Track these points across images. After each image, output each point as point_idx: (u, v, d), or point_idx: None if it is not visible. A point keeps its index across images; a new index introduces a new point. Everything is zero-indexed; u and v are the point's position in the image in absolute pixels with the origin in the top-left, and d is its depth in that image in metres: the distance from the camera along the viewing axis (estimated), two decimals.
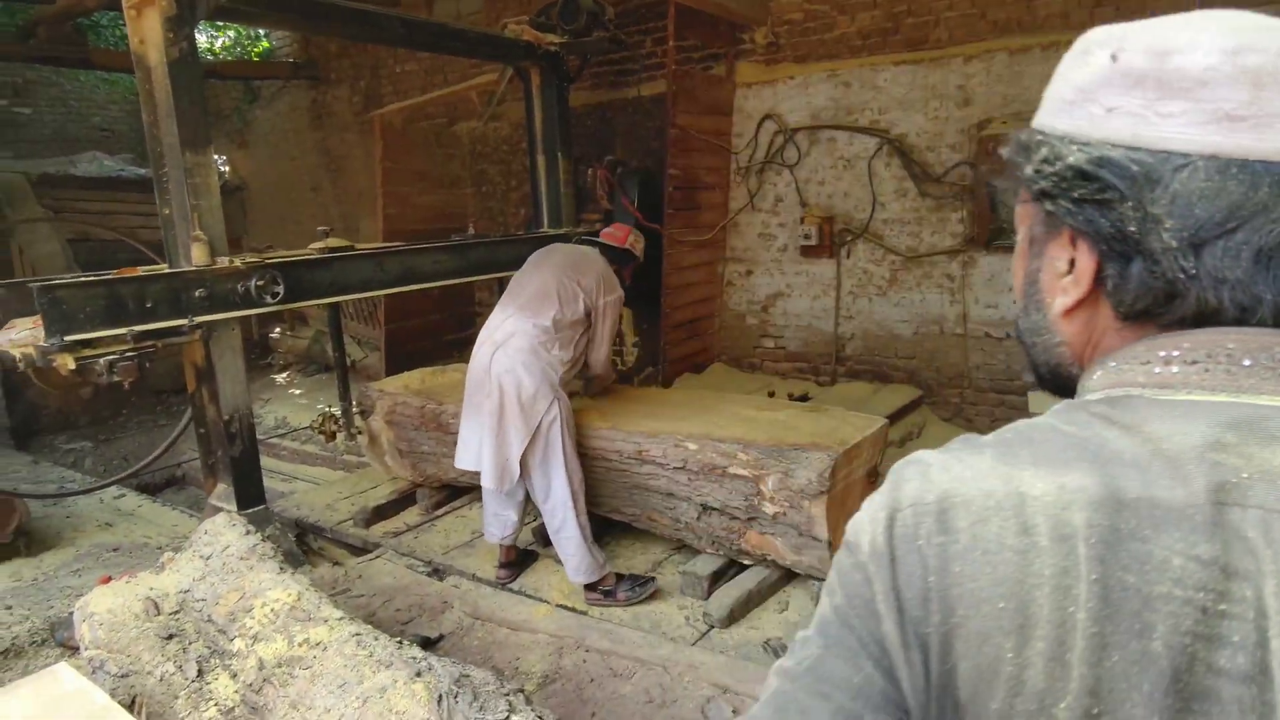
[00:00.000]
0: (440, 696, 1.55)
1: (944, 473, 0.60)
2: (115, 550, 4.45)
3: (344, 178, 9.14)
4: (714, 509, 3.52)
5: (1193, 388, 0.57)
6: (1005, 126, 4.77)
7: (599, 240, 3.82)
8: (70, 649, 3.08)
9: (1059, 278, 0.66)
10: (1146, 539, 0.51)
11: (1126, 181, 0.59)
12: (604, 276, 3.58)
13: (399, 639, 1.98)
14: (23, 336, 2.92)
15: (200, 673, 2.18)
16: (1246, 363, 0.56)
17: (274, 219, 10.10)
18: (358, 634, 1.98)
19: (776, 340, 6.03)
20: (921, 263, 5.29)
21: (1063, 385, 0.71)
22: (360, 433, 4.42)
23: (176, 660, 2.23)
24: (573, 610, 3.42)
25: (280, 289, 3.51)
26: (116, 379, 2.99)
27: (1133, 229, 0.59)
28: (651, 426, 3.70)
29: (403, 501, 4.72)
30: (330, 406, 4.53)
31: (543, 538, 4.03)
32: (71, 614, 2.71)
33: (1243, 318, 0.57)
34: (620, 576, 3.56)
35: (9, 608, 3.71)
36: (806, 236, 5.54)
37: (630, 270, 3.91)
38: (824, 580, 0.67)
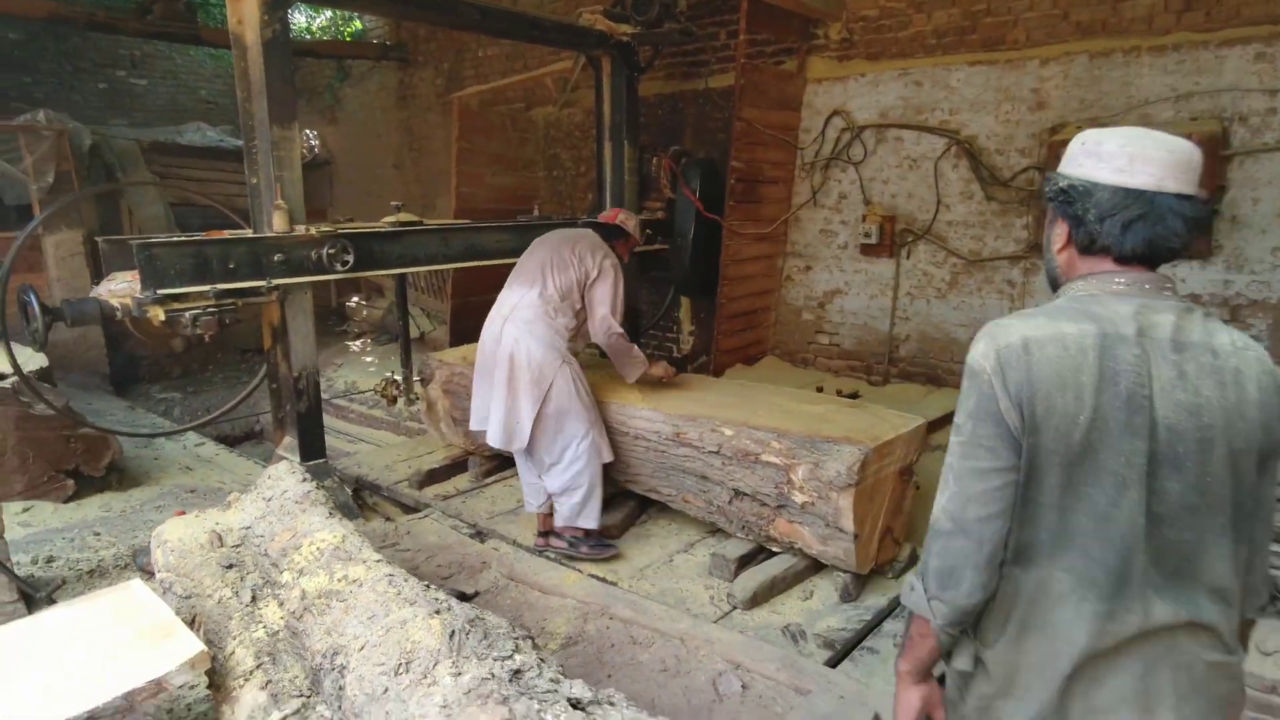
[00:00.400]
0: (453, 632, 1.71)
1: (1021, 326, 1.30)
2: (192, 491, 4.83)
3: (424, 157, 9.49)
4: (745, 494, 3.62)
5: (1126, 291, 1.31)
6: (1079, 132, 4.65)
7: (594, 221, 4.10)
8: (147, 573, 3.39)
9: (1056, 238, 1.43)
10: (1117, 349, 1.24)
11: (1080, 194, 1.34)
12: (596, 246, 3.80)
13: (427, 584, 2.15)
14: (121, 288, 3.23)
15: (253, 599, 2.41)
16: (1147, 286, 1.31)
17: (358, 193, 10.55)
18: (390, 575, 2.16)
19: (831, 337, 6.03)
20: (983, 267, 5.22)
21: (1055, 286, 1.45)
22: (418, 399, 4.66)
23: (234, 587, 2.47)
24: (602, 580, 3.57)
25: (350, 258, 3.75)
26: (199, 332, 3.27)
27: (1080, 213, 1.34)
28: (691, 411, 3.81)
29: (455, 467, 4.96)
30: (394, 373, 4.79)
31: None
32: (150, 542, 3.01)
33: (1121, 252, 1.31)
34: (589, 534, 3.78)
35: (98, 534, 4.10)
36: (867, 235, 5.52)
37: (625, 246, 4.08)
38: (849, 572, 2.47)
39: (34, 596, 2.99)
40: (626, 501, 4.26)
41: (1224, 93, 4.25)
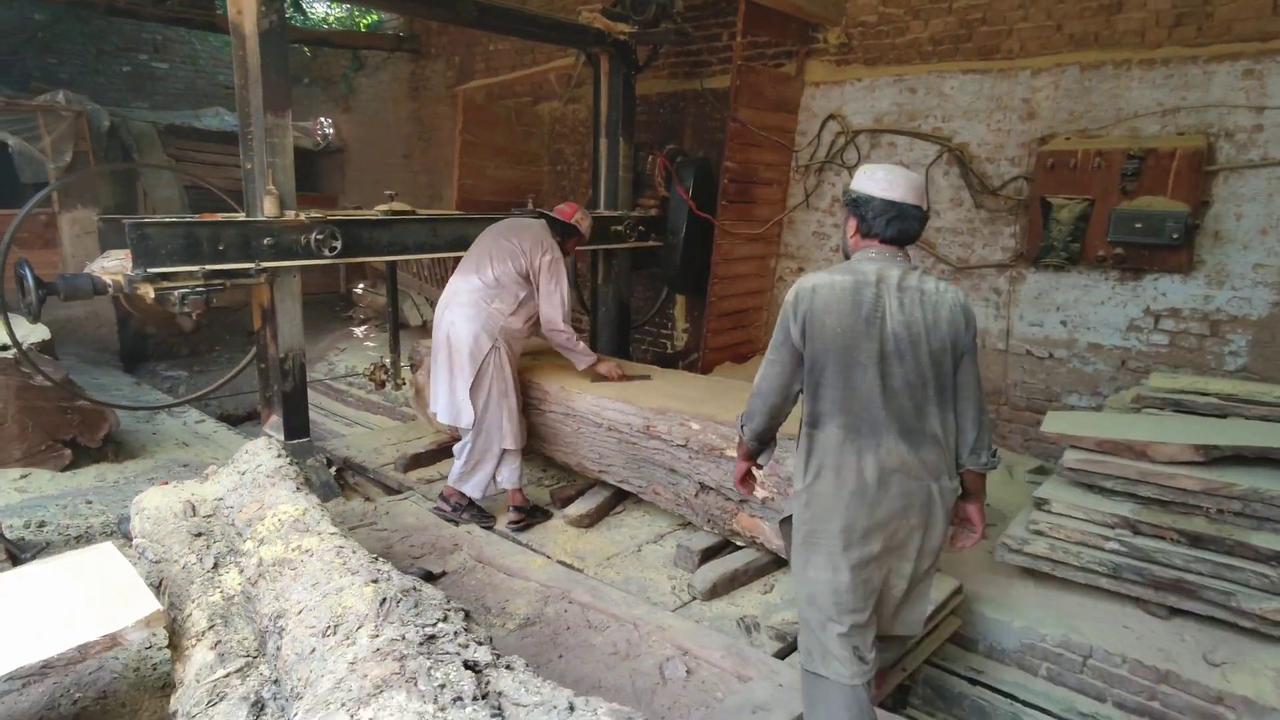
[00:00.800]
0: (384, 599, 1.80)
1: (814, 279, 2.18)
2: (185, 466, 4.97)
3: (433, 147, 9.62)
4: (710, 488, 3.69)
5: (876, 259, 2.18)
6: (1068, 143, 4.68)
7: (549, 214, 4.23)
8: (128, 538, 3.53)
9: (850, 227, 2.31)
10: (862, 289, 2.11)
11: (864, 202, 2.23)
12: (540, 239, 3.96)
13: (375, 557, 2.25)
14: (114, 265, 3.36)
15: (215, 565, 2.53)
16: (888, 256, 2.20)
17: (369, 181, 10.71)
18: (340, 546, 2.26)
19: None
20: (971, 274, 5.25)
21: (847, 256, 2.33)
22: (404, 383, 4.77)
23: (199, 554, 2.59)
24: (569, 566, 3.66)
25: (338, 244, 3.86)
26: (186, 310, 3.39)
27: (862, 213, 2.23)
28: (662, 405, 3.89)
29: (440, 453, 5.06)
30: (384, 357, 4.90)
31: (560, 500, 4.30)
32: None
33: (884, 237, 2.20)
34: (473, 504, 4.03)
35: (90, 503, 4.24)
36: None
37: (573, 243, 4.26)
38: None
39: (20, 557, 3.13)
40: (601, 491, 4.35)
41: (1211, 108, 4.26)
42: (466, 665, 1.41)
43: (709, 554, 3.74)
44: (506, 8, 4.58)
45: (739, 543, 3.75)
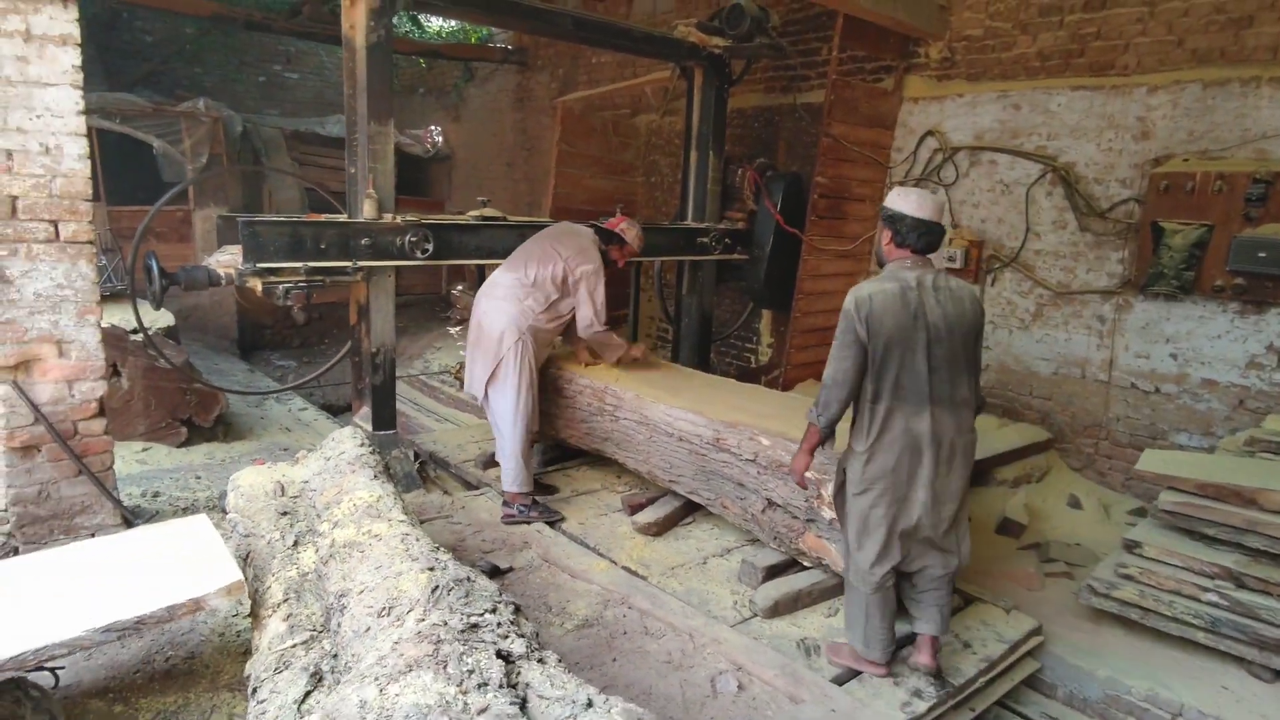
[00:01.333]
0: (436, 586, 1.89)
1: (867, 287, 2.68)
2: (285, 449, 5.30)
3: (535, 156, 9.91)
4: (778, 505, 3.64)
5: (911, 267, 2.71)
6: (1186, 165, 4.39)
7: (598, 225, 4.40)
8: (225, 512, 3.79)
9: (885, 238, 2.81)
10: (907, 293, 2.64)
11: (899, 218, 2.74)
12: (583, 248, 4.13)
13: (437, 546, 2.35)
14: (227, 259, 3.64)
15: (296, 543, 2.69)
16: (921, 264, 2.74)
17: (474, 187, 11.13)
18: (406, 534, 2.38)
19: None
20: (1072, 300, 4.99)
21: (881, 264, 2.87)
22: None
23: (282, 531, 2.77)
24: (632, 572, 3.68)
25: (430, 247, 4.05)
26: (289, 303, 3.64)
27: (897, 228, 2.74)
28: (733, 418, 3.87)
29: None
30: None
31: (631, 506, 4.33)
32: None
33: (915, 248, 2.73)
34: (536, 502, 4.15)
35: (199, 477, 4.59)
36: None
37: (621, 252, 4.37)
38: None
39: (132, 523, 3.43)
40: (672, 501, 4.35)
41: None
42: (499, 655, 1.47)
43: (774, 572, 3.68)
44: (601, 21, 4.70)
45: (805, 563, 3.68)
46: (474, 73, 10.93)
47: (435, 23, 11.91)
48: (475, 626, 1.64)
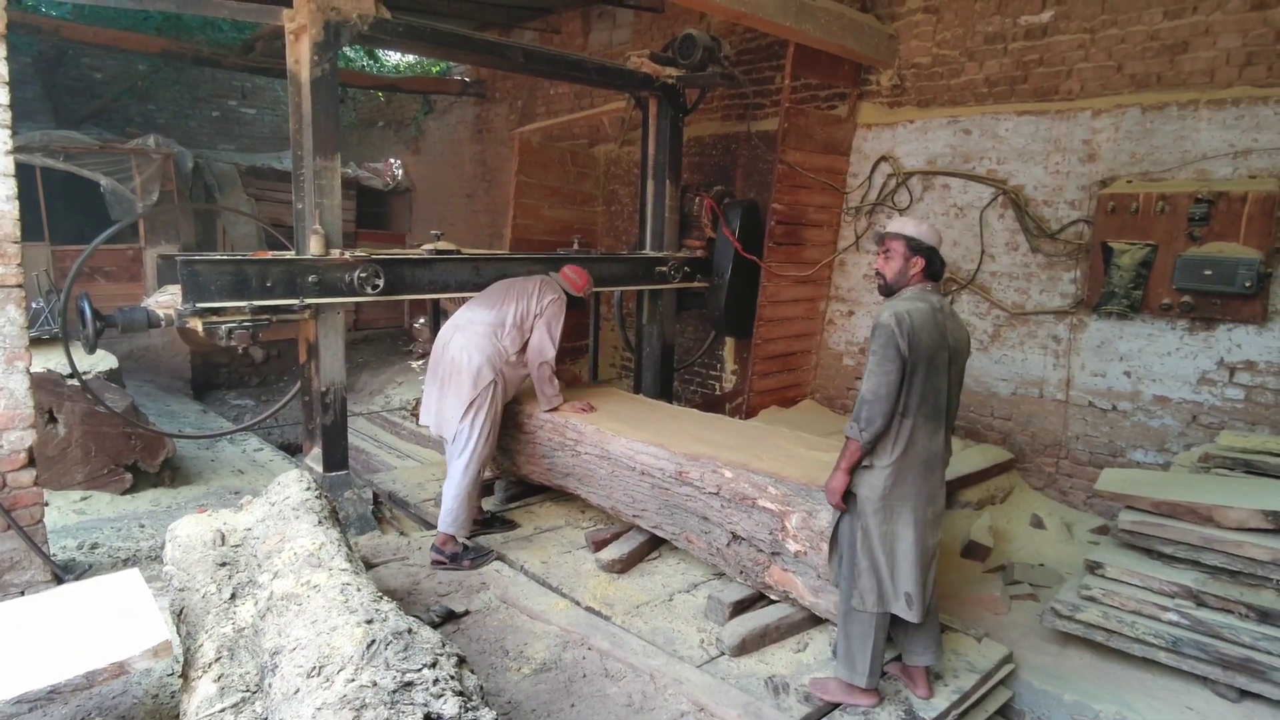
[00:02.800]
0: (373, 641, 1.79)
1: (902, 307, 2.73)
2: (237, 493, 5.12)
3: (495, 188, 9.88)
4: (743, 538, 3.58)
5: (931, 292, 2.85)
6: (1130, 186, 4.48)
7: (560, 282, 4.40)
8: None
9: (918, 266, 2.85)
10: (934, 314, 2.75)
11: (931, 250, 2.86)
12: (548, 285, 4.24)
13: (379, 595, 2.25)
14: (167, 300, 3.52)
15: (234, 596, 2.56)
16: (934, 289, 2.88)
17: (434, 220, 11.05)
18: (347, 584, 2.27)
19: None
20: (1027, 321, 5.04)
21: (889, 291, 2.93)
22: None
23: (219, 584, 2.63)
24: (597, 613, 3.57)
25: (380, 282, 3.96)
26: (233, 344, 3.52)
27: (930, 258, 2.86)
28: (696, 450, 3.82)
29: (482, 489, 5.08)
30: None
31: (595, 543, 4.23)
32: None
33: (937, 277, 2.90)
34: (467, 549, 4.02)
35: (143, 526, 4.40)
36: None
37: (580, 290, 4.41)
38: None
39: (63, 579, 3.25)
40: (636, 536, 4.26)
41: None
42: (428, 718, 1.38)
43: (741, 607, 3.59)
44: (553, 53, 4.69)
45: (773, 596, 3.61)
46: (433, 105, 10.91)
47: (394, 57, 11.89)
48: (409, 685, 1.54)
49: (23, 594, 3.08)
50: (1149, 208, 4.32)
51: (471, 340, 3.93)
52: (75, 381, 4.40)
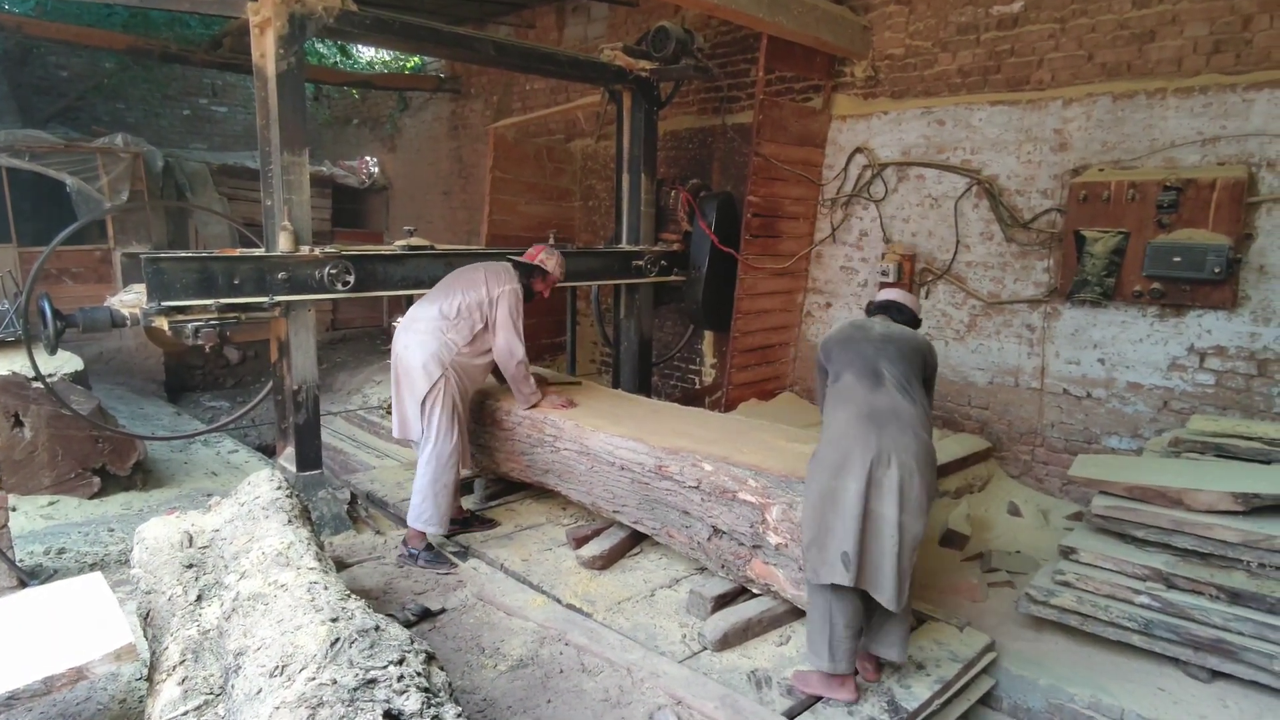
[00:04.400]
0: (336, 639, 1.76)
1: (831, 329, 3.31)
2: (209, 495, 5.03)
3: (472, 184, 9.81)
4: (724, 532, 3.56)
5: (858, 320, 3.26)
6: (1102, 174, 4.51)
7: (515, 258, 4.29)
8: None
9: None
10: (867, 327, 3.11)
11: (878, 305, 3.40)
12: (500, 277, 4.05)
13: (348, 594, 2.21)
14: (131, 299, 3.45)
15: (199, 598, 2.52)
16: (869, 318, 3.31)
17: (411, 217, 10.94)
18: (314, 582, 2.23)
19: None
20: (1002, 310, 5.07)
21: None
22: None
23: (186, 586, 2.59)
24: (577, 610, 3.53)
25: (351, 279, 3.91)
26: (200, 343, 3.45)
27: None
28: (674, 444, 3.80)
29: (462, 488, 5.03)
30: None
31: (576, 540, 4.19)
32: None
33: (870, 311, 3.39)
34: (430, 547, 3.98)
35: (112, 530, 4.33)
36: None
37: (545, 283, 4.26)
38: None
39: (27, 584, 3.19)
40: (618, 532, 4.23)
41: (1251, 137, 4.06)
42: (388, 715, 1.35)
43: (723, 601, 3.56)
44: (525, 46, 4.64)
45: (754, 590, 3.59)
46: (408, 102, 10.80)
47: (368, 53, 11.77)
48: (371, 683, 1.52)
49: None
50: (1120, 195, 4.36)
51: (415, 338, 3.87)
52: (40, 384, 4.30)
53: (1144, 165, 4.40)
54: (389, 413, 4.89)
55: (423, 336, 3.86)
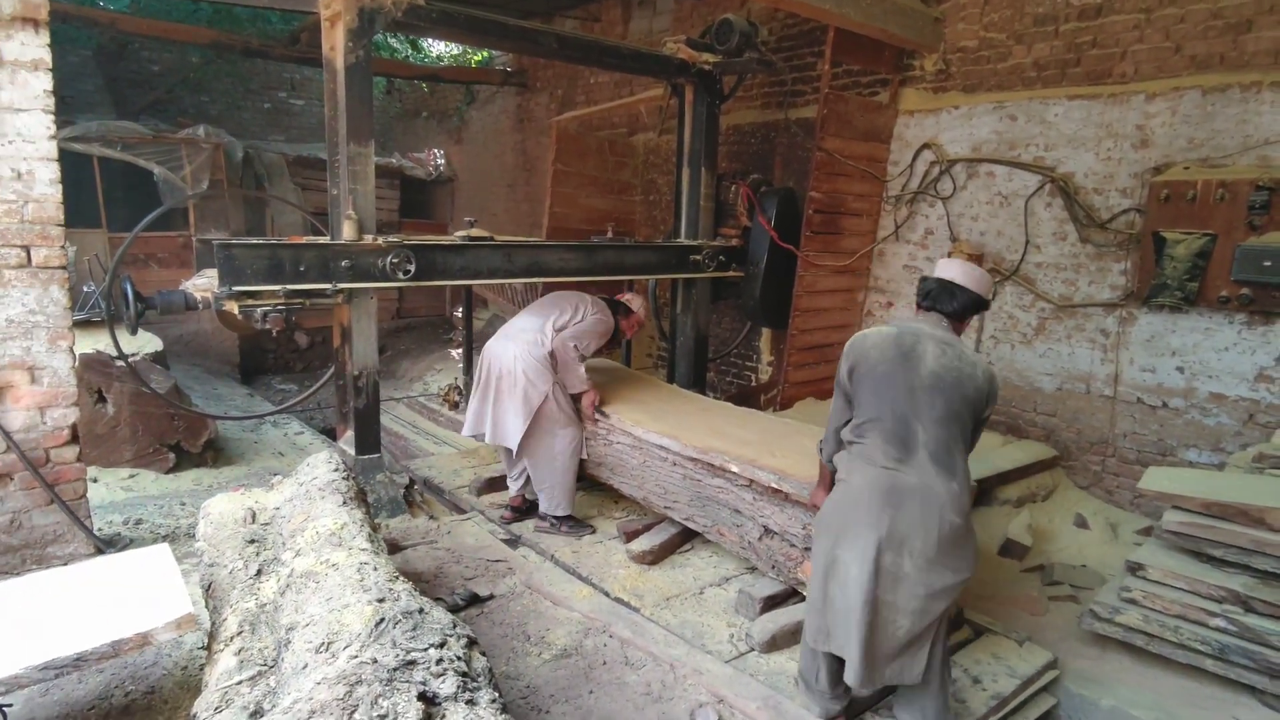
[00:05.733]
0: (381, 620, 1.79)
1: (862, 330, 2.73)
2: (276, 474, 5.21)
3: (535, 177, 9.91)
4: (775, 532, 3.52)
5: (924, 323, 2.62)
6: (1187, 173, 4.28)
7: (610, 299, 4.52)
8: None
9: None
10: (907, 340, 2.53)
11: (918, 290, 2.75)
12: (601, 304, 4.36)
13: (395, 575, 2.26)
14: (204, 283, 3.60)
15: (259, 573, 2.61)
16: (921, 317, 2.67)
17: (475, 209, 11.15)
18: (365, 563, 2.28)
19: None
20: (1074, 313, 4.86)
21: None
22: None
23: (246, 560, 2.68)
24: (626, 604, 3.53)
25: (412, 267, 3.99)
26: (267, 326, 3.58)
27: (919, 294, 2.74)
28: (707, 443, 3.74)
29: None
30: (458, 379, 5.01)
31: (627, 534, 4.20)
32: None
33: (929, 308, 2.67)
34: (571, 517, 4.30)
35: (184, 504, 4.52)
36: None
37: (628, 323, 4.52)
38: None
39: (105, 552, 3.36)
40: (669, 528, 4.21)
41: None
42: (422, 697, 1.37)
43: (772, 602, 3.50)
44: (588, 39, 4.65)
45: (805, 592, 3.53)
46: (475, 95, 10.98)
47: (438, 47, 12.00)
48: (411, 664, 1.54)
49: (65, 565, 3.19)
50: (1207, 195, 4.12)
51: (524, 350, 4.04)
52: (123, 363, 4.53)
53: (1235, 163, 4.15)
54: (446, 399, 5.00)
55: (531, 348, 4.05)
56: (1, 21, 3.01)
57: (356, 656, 1.55)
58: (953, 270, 2.65)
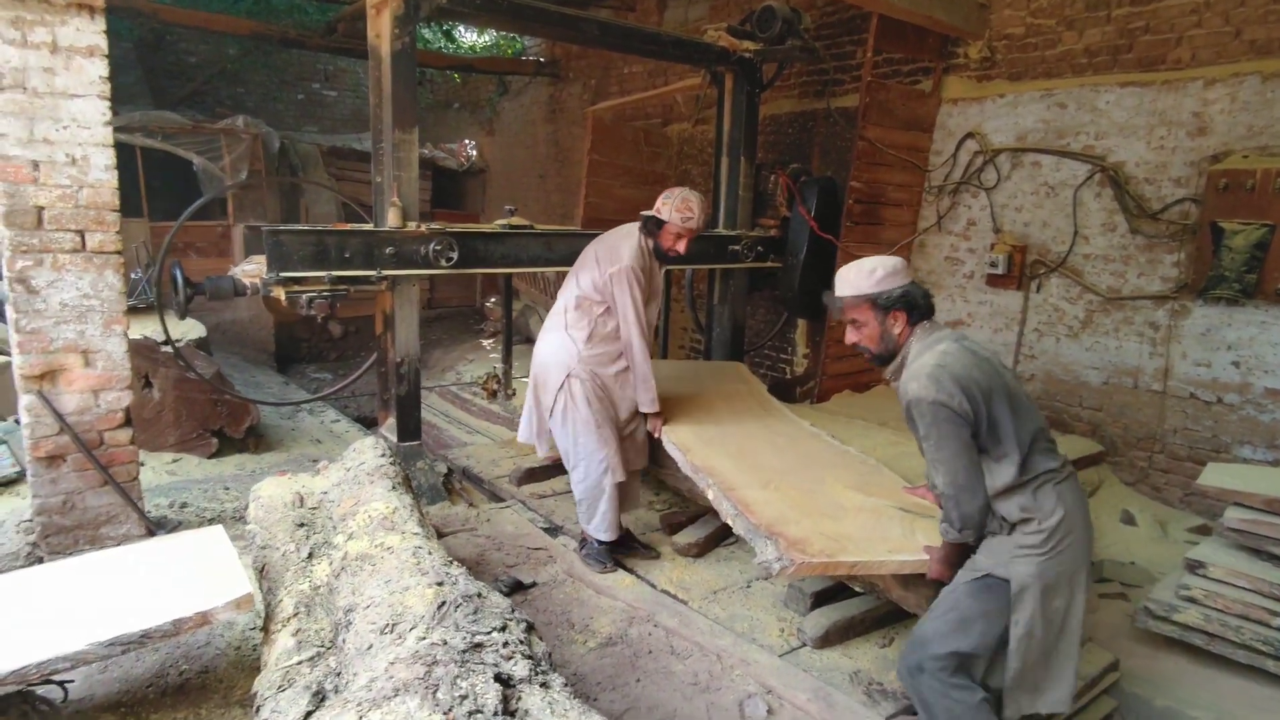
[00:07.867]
0: (443, 603, 1.79)
1: (927, 363, 2.23)
2: (315, 461, 5.27)
3: (567, 168, 9.89)
4: None
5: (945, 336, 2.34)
6: (1246, 161, 4.16)
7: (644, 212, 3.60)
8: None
9: (892, 322, 2.38)
10: (965, 346, 2.30)
11: (906, 297, 2.36)
12: (613, 247, 3.43)
13: (450, 560, 2.26)
14: (252, 269, 3.63)
15: (311, 555, 2.63)
16: (944, 328, 2.39)
17: (507, 200, 11.08)
18: (419, 547, 2.29)
19: None
20: (1123, 306, 4.75)
21: (893, 354, 2.44)
22: (514, 394, 4.85)
23: (298, 543, 2.70)
24: (672, 596, 3.48)
25: (454, 255, 4.00)
26: (312, 312, 3.60)
27: (908, 305, 2.37)
28: (708, 462, 3.41)
29: (556, 469, 5.03)
30: (497, 368, 5.02)
31: (670, 526, 4.14)
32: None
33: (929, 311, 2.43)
34: (601, 542, 3.62)
35: (227, 489, 4.58)
36: (993, 265, 5.18)
37: (670, 236, 3.48)
38: None
39: (155, 533, 3.41)
40: (713, 520, 4.14)
41: None
42: (498, 678, 1.36)
43: (823, 598, 3.42)
44: (628, 27, 4.61)
45: (856, 588, 3.45)
46: (508, 86, 10.98)
47: (470, 37, 12.02)
48: (479, 646, 1.54)
49: (118, 546, 3.24)
50: (1267, 185, 4.00)
51: (543, 339, 3.53)
52: (169, 348, 4.59)
53: None
54: (484, 387, 5.01)
55: (547, 335, 3.48)
56: (56, 7, 3.04)
57: (425, 638, 1.55)
58: (894, 275, 2.37)
